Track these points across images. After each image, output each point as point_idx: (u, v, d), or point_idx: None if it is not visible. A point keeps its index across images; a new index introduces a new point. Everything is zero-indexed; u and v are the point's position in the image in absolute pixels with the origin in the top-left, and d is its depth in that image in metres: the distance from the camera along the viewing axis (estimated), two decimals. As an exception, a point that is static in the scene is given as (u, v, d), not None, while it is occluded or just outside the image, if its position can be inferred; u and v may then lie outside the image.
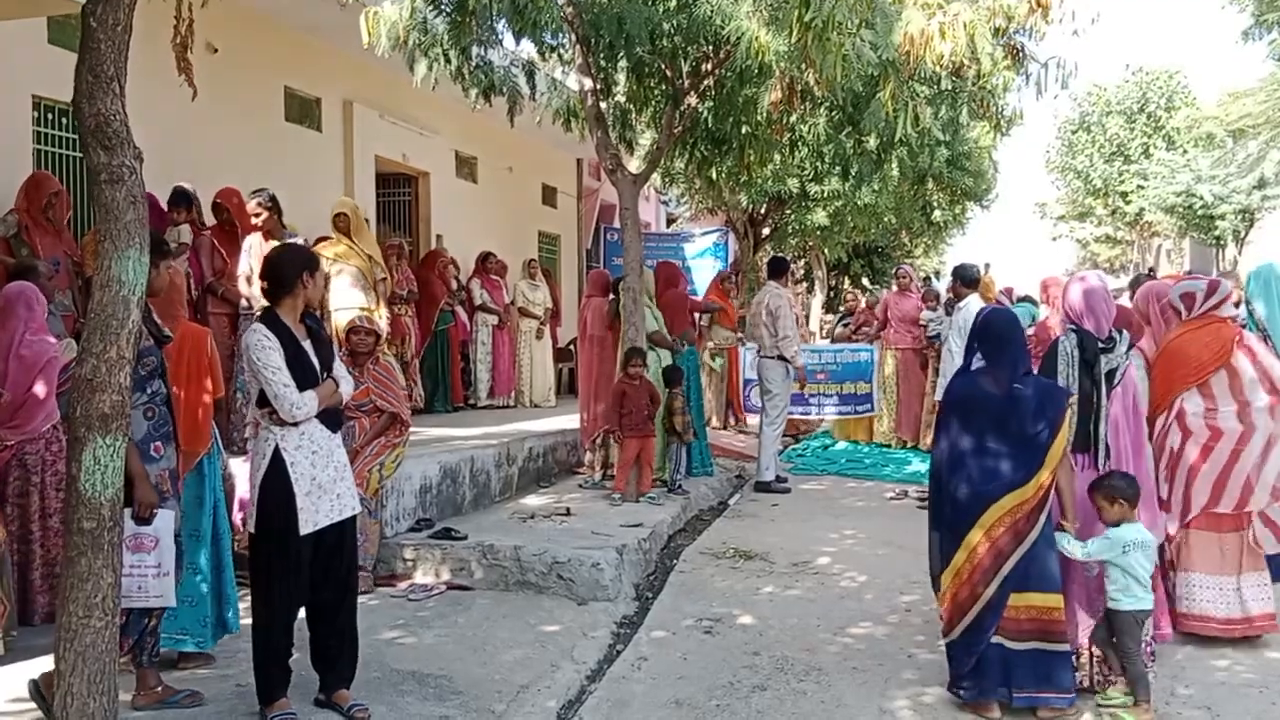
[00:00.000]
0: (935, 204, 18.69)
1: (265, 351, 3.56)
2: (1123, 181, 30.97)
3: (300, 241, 6.30)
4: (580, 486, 7.75)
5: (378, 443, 5.65)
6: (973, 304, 7.92)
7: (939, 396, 10.53)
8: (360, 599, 5.27)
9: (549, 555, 5.52)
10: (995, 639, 3.83)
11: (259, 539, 3.68)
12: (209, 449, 4.15)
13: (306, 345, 3.69)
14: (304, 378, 3.62)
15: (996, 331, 3.96)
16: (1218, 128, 20.90)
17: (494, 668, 4.41)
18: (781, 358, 8.64)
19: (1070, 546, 3.89)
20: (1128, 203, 30.45)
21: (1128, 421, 4.13)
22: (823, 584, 5.75)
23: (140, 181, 3.31)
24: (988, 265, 13.05)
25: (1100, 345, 4.09)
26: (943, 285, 11.98)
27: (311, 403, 3.61)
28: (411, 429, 5.79)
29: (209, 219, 7.19)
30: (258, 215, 6.34)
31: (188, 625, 4.10)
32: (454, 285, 10.89)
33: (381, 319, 6.75)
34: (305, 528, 3.60)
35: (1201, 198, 21.34)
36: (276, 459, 3.60)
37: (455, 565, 5.65)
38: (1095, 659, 4.04)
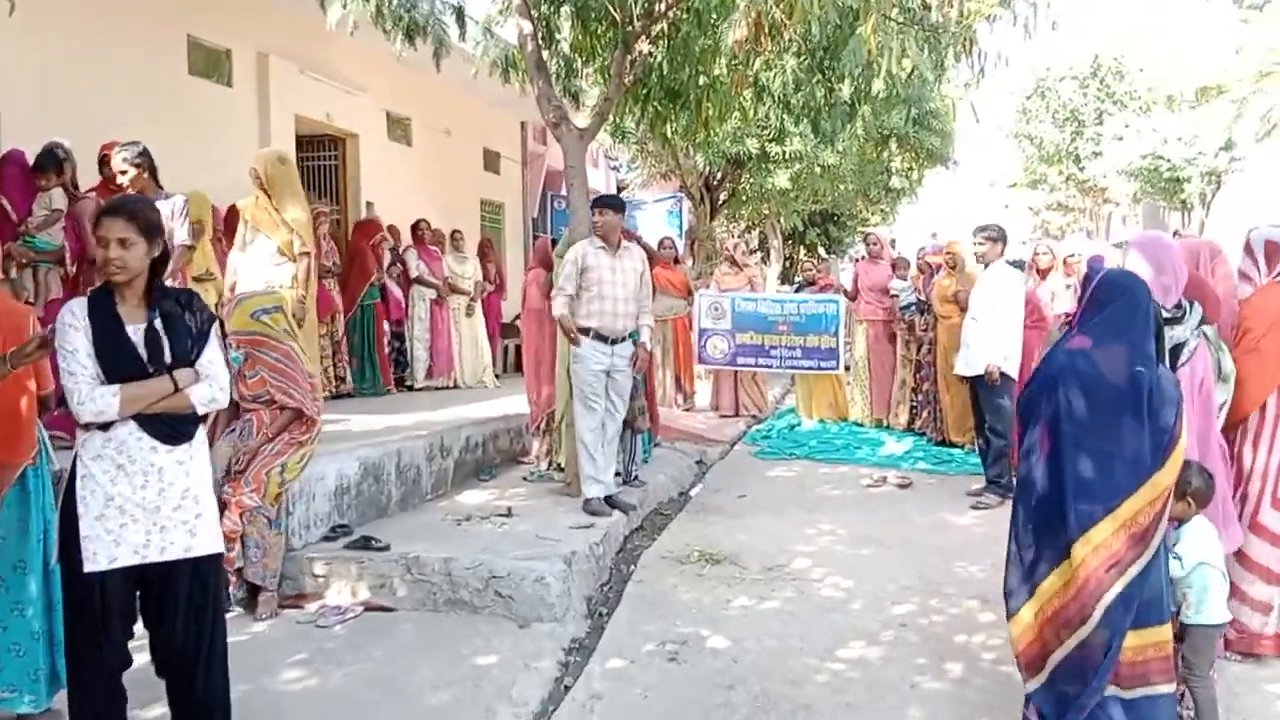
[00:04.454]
0: (894, 169, 18.08)
1: (63, 329, 2.84)
2: (1075, 146, 30.50)
3: (178, 203, 5.40)
4: (524, 479, 6.93)
5: (281, 440, 4.77)
6: (999, 267, 7.22)
7: (909, 373, 10.03)
8: (258, 626, 4.52)
9: (485, 568, 4.72)
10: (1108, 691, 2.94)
11: (61, 570, 2.96)
12: (34, 459, 3.29)
13: (133, 329, 2.88)
14: (115, 369, 2.82)
15: (1124, 300, 3.01)
16: (1187, 84, 20.36)
17: (415, 716, 3.63)
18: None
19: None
20: (1081, 168, 30.02)
21: (1193, 410, 3.38)
22: (802, 593, 5.01)
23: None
24: (934, 234, 12.39)
25: (1166, 315, 3.29)
26: (912, 253, 11.29)
27: (107, 400, 2.79)
28: (338, 417, 4.94)
29: (87, 180, 6.24)
30: (124, 173, 5.31)
31: (16, 680, 3.28)
32: (387, 258, 9.97)
33: (292, 297, 5.73)
34: (91, 563, 2.79)
35: (1169, 160, 20.83)
36: (72, 471, 2.85)
37: (375, 581, 4.82)
38: None
